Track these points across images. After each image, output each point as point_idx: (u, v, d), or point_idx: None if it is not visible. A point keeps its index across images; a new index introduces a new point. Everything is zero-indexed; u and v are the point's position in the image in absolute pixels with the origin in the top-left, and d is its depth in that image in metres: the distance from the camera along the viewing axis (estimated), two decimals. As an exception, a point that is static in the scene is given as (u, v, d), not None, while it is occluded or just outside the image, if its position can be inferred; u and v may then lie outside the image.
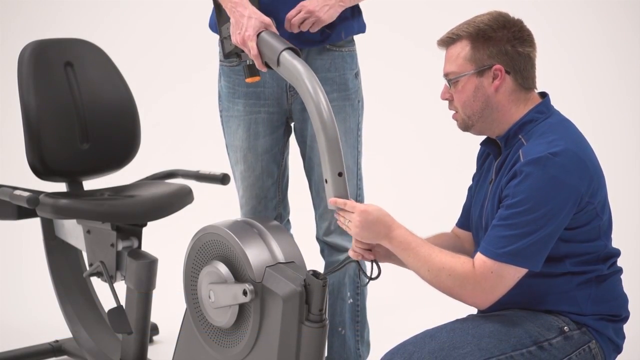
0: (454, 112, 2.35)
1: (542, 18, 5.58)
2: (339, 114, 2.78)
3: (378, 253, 2.38)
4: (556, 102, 2.37)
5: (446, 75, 2.32)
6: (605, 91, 5.71)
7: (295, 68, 2.35)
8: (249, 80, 2.57)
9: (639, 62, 5.71)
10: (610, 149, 5.29)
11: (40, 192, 3.02)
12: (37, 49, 3.19)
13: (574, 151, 2.18)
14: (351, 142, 2.85)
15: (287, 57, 2.38)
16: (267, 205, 2.89)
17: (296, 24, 2.60)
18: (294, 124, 2.87)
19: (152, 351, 3.43)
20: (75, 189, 3.26)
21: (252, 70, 2.56)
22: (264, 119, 2.79)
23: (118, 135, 3.31)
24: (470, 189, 2.53)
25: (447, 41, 2.30)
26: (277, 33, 2.49)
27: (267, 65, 2.47)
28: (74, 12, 5.98)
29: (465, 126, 2.34)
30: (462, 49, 2.27)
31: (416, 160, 5.67)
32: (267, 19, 2.48)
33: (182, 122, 5.73)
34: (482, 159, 2.47)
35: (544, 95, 2.35)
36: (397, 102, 5.78)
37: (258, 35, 2.46)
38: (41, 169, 3.13)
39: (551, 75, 5.50)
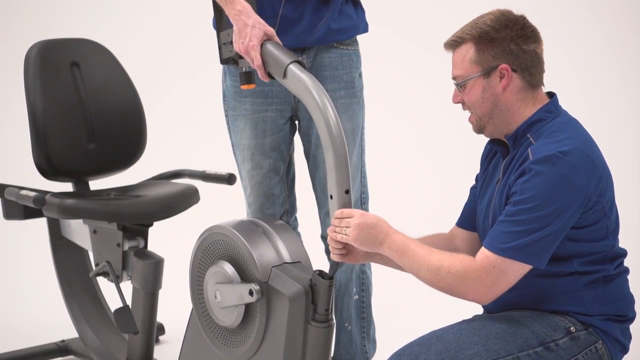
0: (470, 114, 2.35)
1: (540, 18, 5.57)
2: (346, 111, 2.80)
3: (357, 253, 2.38)
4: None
5: (454, 78, 2.32)
6: (606, 91, 5.71)
7: (303, 82, 2.34)
8: (244, 87, 2.56)
9: (639, 61, 5.71)
10: (613, 149, 5.26)
11: (46, 192, 3.02)
12: (43, 49, 3.20)
13: (583, 150, 2.18)
14: (358, 141, 2.86)
15: (295, 70, 2.36)
16: (275, 203, 2.89)
17: None
18: (300, 122, 2.87)
19: (158, 351, 3.43)
20: (82, 189, 3.27)
21: (249, 78, 2.55)
22: (271, 117, 2.79)
23: (124, 135, 3.31)
24: (473, 188, 2.53)
25: (452, 44, 2.31)
26: (281, 43, 2.47)
27: (269, 75, 2.47)
28: (80, 12, 5.99)
29: (479, 128, 2.34)
30: (467, 51, 2.27)
31: (418, 162, 5.67)
32: (271, 29, 2.46)
33: (188, 122, 5.73)
34: (487, 159, 2.47)
35: (551, 95, 2.35)
36: (399, 103, 5.78)
37: (261, 44, 2.46)
38: (47, 169, 3.13)
39: (551, 75, 5.51)
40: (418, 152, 5.72)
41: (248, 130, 2.81)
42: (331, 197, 2.31)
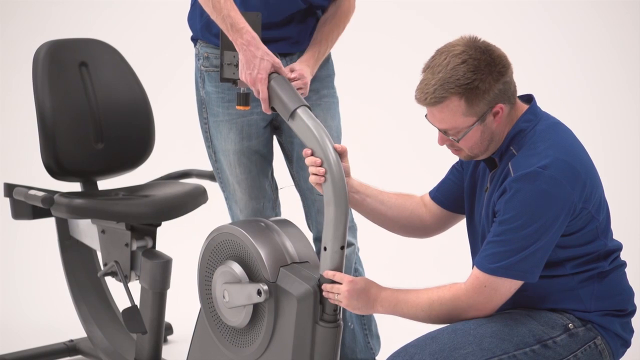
0: (456, 149, 2.32)
1: (548, 17, 5.59)
2: (330, 109, 2.86)
3: None
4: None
5: (445, 131, 2.26)
6: (609, 86, 5.69)
7: (311, 131, 2.36)
8: (240, 108, 2.58)
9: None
10: (615, 142, 5.29)
11: (54, 192, 3.03)
12: (51, 49, 3.20)
13: (564, 160, 2.17)
14: (339, 142, 2.88)
15: (302, 116, 2.38)
16: (265, 206, 2.91)
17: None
18: (282, 125, 2.90)
19: (166, 351, 3.43)
20: (90, 189, 3.27)
21: (246, 100, 2.57)
22: (256, 120, 2.79)
23: (132, 135, 3.32)
24: (454, 168, 2.51)
25: (433, 102, 2.21)
26: (286, 77, 2.49)
27: (272, 109, 2.48)
28: (88, 12, 5.99)
29: (470, 159, 2.34)
30: (457, 106, 2.20)
31: (400, 158, 5.63)
32: (278, 61, 2.48)
33: (196, 122, 5.71)
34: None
35: (528, 98, 2.33)
36: (378, 100, 5.76)
37: (269, 76, 2.46)
38: (56, 169, 3.14)
39: (558, 73, 5.51)
40: (400, 146, 5.68)
41: (233, 135, 2.82)
42: (325, 249, 2.34)
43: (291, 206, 3.13)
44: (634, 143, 5.49)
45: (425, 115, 2.28)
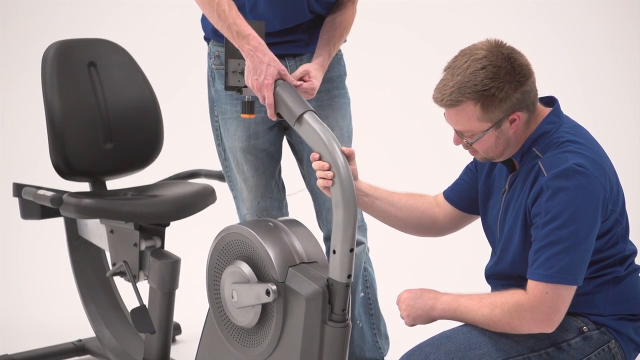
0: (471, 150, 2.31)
1: (544, 19, 5.59)
2: (340, 109, 2.86)
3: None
4: (560, 101, 2.33)
5: (460, 133, 2.26)
6: (609, 86, 5.70)
7: (318, 134, 2.35)
8: (244, 116, 2.58)
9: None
10: (616, 143, 5.27)
11: (63, 192, 3.03)
12: (60, 49, 3.21)
13: (594, 160, 2.17)
14: (349, 142, 2.87)
15: (309, 120, 2.37)
16: (272, 205, 2.91)
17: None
18: (291, 140, 2.91)
19: (174, 351, 3.43)
20: (99, 189, 3.28)
21: (251, 107, 2.57)
22: (263, 118, 2.80)
23: (141, 135, 3.32)
24: (468, 169, 2.51)
25: (449, 104, 2.21)
26: (292, 82, 2.50)
27: (278, 115, 2.48)
28: (97, 12, 6.00)
29: (486, 161, 2.34)
30: (473, 111, 2.19)
31: (415, 152, 5.63)
32: (283, 67, 2.48)
33: (205, 122, 5.71)
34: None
35: (550, 100, 2.32)
36: (392, 100, 5.76)
37: (275, 83, 2.46)
38: (65, 169, 3.14)
39: (555, 75, 5.50)
40: (415, 140, 5.68)
41: (240, 132, 2.83)
42: (334, 252, 2.34)
43: (301, 206, 3.14)
44: (635, 144, 5.49)
45: (444, 113, 2.28)
